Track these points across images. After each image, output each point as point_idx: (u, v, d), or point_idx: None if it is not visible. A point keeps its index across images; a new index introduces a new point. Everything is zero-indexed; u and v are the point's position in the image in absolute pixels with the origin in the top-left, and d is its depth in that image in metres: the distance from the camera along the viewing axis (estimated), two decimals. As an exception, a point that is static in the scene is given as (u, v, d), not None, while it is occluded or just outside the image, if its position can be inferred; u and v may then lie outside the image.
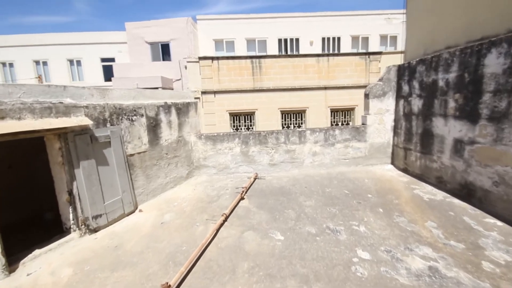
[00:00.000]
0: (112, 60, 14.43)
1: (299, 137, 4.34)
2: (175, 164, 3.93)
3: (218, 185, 4.24)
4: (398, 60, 12.05)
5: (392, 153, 4.77)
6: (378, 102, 4.48)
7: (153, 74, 11.63)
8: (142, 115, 3.34)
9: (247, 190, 3.97)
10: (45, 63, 14.32)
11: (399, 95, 4.51)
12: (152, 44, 13.99)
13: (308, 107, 12.66)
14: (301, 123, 13.05)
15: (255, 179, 4.30)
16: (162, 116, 3.64)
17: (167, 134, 3.74)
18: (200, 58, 12.12)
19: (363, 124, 4.79)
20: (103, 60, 14.49)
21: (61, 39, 13.98)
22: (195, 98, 12.43)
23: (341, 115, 13.11)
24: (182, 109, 4.02)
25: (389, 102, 4.59)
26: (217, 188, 4.10)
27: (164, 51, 14.18)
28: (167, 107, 3.74)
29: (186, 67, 12.35)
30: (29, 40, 13.78)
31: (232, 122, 12.79)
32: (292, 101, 12.58)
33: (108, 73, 14.23)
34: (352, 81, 12.64)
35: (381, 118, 4.57)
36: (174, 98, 4.00)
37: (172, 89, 12.44)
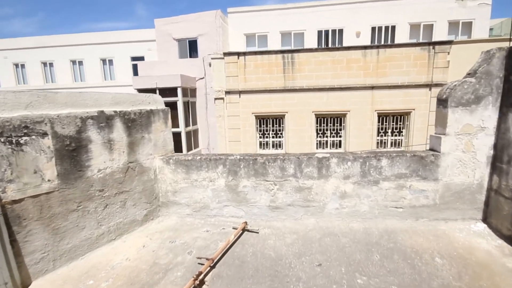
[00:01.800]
0: (142, 58, 14.08)
1: (319, 168, 2.60)
2: (121, 204, 2.52)
3: (184, 240, 2.74)
4: (474, 50, 9.16)
5: (487, 204, 2.74)
6: (465, 114, 2.51)
7: (177, 72, 10.73)
8: (43, 134, 1.96)
9: (216, 263, 2.39)
10: (80, 63, 14.65)
11: (507, 102, 2.51)
12: (179, 40, 13.20)
13: (349, 111, 10.49)
14: (340, 130, 10.91)
15: (242, 231, 2.69)
16: (93, 133, 2.25)
17: (104, 161, 2.33)
18: (225, 54, 10.83)
19: (432, 150, 2.82)
20: (133, 59, 14.23)
21: (94, 38, 14.10)
22: (218, 98, 11.25)
23: (391, 121, 10.63)
24: (138, 121, 2.59)
25: (487, 115, 2.58)
26: (176, 248, 2.60)
27: (191, 48, 13.29)
28: (104, 119, 2.33)
29: (210, 65, 11.20)
30: (65, 40, 14.18)
31: (258, 126, 11.27)
32: (330, 103, 10.54)
33: (137, 72, 13.82)
34: (409, 78, 10.08)
35: (468, 142, 2.59)
36: (122, 104, 2.58)
37: (195, 88, 11.43)
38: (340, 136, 10.98)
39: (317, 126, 10.93)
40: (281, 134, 11.21)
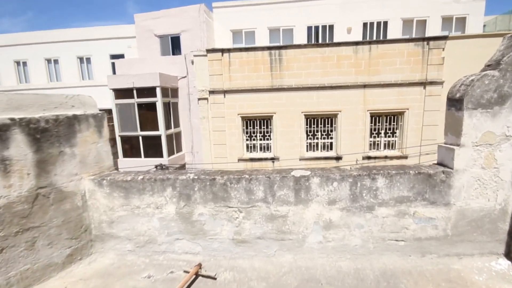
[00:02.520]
0: (122, 56, 13.21)
1: (296, 190, 1.90)
2: (27, 246, 1.79)
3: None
4: (469, 46, 8.67)
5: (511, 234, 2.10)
6: (486, 119, 1.85)
7: (157, 70, 9.94)
8: None
9: None
10: (56, 62, 13.71)
11: (543, 103, 1.89)
12: (161, 37, 12.41)
13: (340, 111, 9.89)
14: (331, 131, 10.31)
15: (194, 277, 2.01)
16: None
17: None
18: (208, 51, 10.11)
19: (442, 165, 2.17)
20: (113, 57, 13.36)
21: (70, 35, 13.17)
22: (202, 98, 10.52)
23: (384, 122, 10.08)
24: (53, 131, 1.87)
25: (514, 120, 1.93)
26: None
27: (174, 45, 12.52)
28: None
29: (192, 62, 10.45)
30: (40, 38, 13.21)
31: (244, 127, 10.59)
32: (320, 103, 9.93)
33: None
34: (403, 76, 9.54)
35: (490, 155, 1.94)
36: (26, 108, 1.86)
37: (176, 88, 10.67)
38: (331, 138, 10.39)
39: (307, 128, 10.30)
40: (269, 136, 10.56)
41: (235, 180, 2.23)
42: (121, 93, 9.67)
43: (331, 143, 10.43)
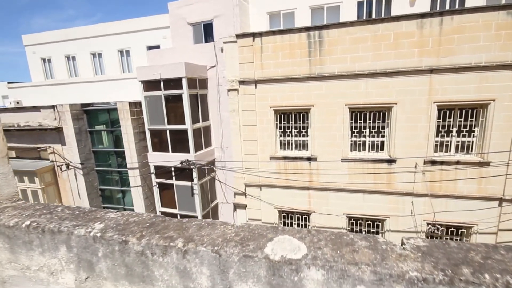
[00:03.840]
0: (158, 47, 13.03)
1: None
2: None
3: None
4: None
5: None
6: None
7: (185, 60, 9.34)
8: None
9: None
10: (100, 55, 14.27)
11: None
12: (194, 25, 11.77)
13: (396, 103, 7.97)
14: (382, 128, 8.45)
15: None
16: None
17: None
18: (238, 36, 9.06)
19: None
20: (149, 48, 13.26)
21: (111, 28, 13.47)
22: (231, 89, 9.58)
23: (458, 117, 7.82)
24: None
25: None
26: None
27: (207, 33, 11.78)
28: None
29: (222, 50, 9.55)
30: (85, 33, 13.83)
31: (278, 122, 9.37)
32: (370, 93, 8.14)
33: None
34: (488, 57, 7.17)
35: None
36: None
37: (205, 79, 9.91)
38: (383, 136, 8.53)
39: (351, 123, 8.62)
40: (306, 132, 9.17)
41: (160, 250, 1.15)
42: (149, 85, 9.31)
43: (382, 143, 8.58)
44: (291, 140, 9.43)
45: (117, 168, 11.19)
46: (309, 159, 9.10)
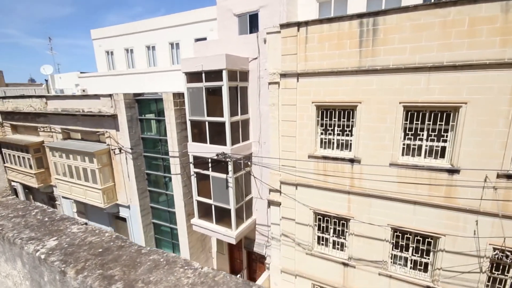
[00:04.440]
0: (205, 39, 13.23)
1: None
2: None
3: None
4: None
5: None
6: None
7: (229, 52, 9.25)
8: None
9: None
10: (153, 48, 15.13)
11: None
12: (240, 16, 11.58)
13: (466, 102, 6.66)
14: (445, 131, 7.18)
15: None
16: None
17: None
18: (282, 26, 8.56)
19: None
20: (197, 40, 13.55)
21: (163, 22, 14.11)
22: (272, 83, 9.17)
23: (553, 123, 6.18)
24: None
25: None
26: None
27: (252, 24, 11.49)
28: None
29: (265, 41, 9.17)
30: (142, 26, 14.77)
31: (319, 119, 8.71)
32: (432, 90, 6.95)
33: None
34: None
35: None
36: None
37: (247, 71, 9.68)
38: (445, 141, 7.26)
39: (405, 124, 7.52)
40: (350, 131, 8.33)
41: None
42: (192, 76, 9.46)
43: (443, 149, 7.32)
44: (333, 139, 8.70)
45: (161, 155, 11.85)
46: (351, 160, 8.29)
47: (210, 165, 9.87)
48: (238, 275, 11.84)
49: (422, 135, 7.44)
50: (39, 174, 15.33)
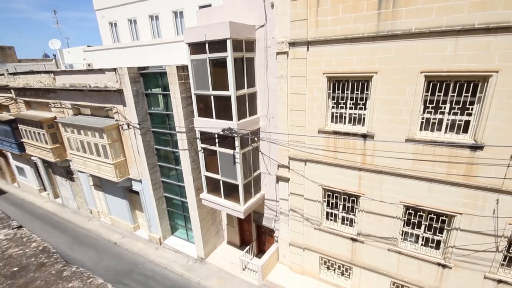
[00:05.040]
0: (209, 6, 12.35)
1: None
2: None
3: None
4: None
5: None
6: None
7: (235, 19, 8.56)
8: None
9: None
10: (157, 18, 14.37)
11: None
12: (246, -22, 10.52)
13: (497, 71, 5.92)
14: (471, 104, 6.51)
15: None
16: None
17: None
18: (291, -13, 7.70)
19: None
20: (201, 7, 12.68)
21: (165, -12, 13.18)
22: (281, 52, 8.52)
23: None
24: None
25: None
26: None
27: (260, -13, 10.45)
28: None
29: (272, 6, 8.36)
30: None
31: (331, 91, 8.13)
32: (459, 57, 6.20)
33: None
34: None
35: None
36: None
37: (253, 40, 9.01)
38: (469, 114, 6.63)
39: (426, 96, 6.87)
40: (364, 104, 7.77)
41: None
42: (195, 47, 8.93)
43: (467, 123, 6.71)
44: (345, 113, 8.18)
45: (169, 130, 11.73)
46: (364, 136, 7.83)
47: (217, 140, 9.68)
48: (248, 247, 12.19)
49: (444, 108, 6.81)
50: (54, 149, 15.77)
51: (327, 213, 9.57)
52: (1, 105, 18.71)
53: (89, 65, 16.10)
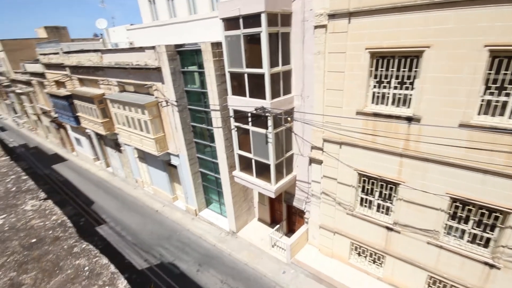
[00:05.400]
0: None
1: None
2: None
3: None
4: None
5: None
6: None
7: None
8: None
9: None
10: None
11: None
12: None
13: None
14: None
15: None
16: None
17: None
18: (334, -50, 6.87)
19: None
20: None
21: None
22: (319, 26, 7.85)
23: None
24: None
25: None
26: None
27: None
28: None
29: (312, -28, 7.62)
30: (180, -32, 13.64)
31: (373, 69, 7.39)
32: (540, 27, 5.08)
33: None
34: None
35: None
36: None
37: (289, 13, 8.41)
38: (546, 97, 5.54)
39: (489, 74, 5.87)
40: (411, 84, 6.94)
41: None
42: (229, 23, 8.67)
43: (541, 107, 5.63)
44: (388, 93, 7.43)
45: (203, 108, 11.97)
46: (409, 119, 7.09)
47: (249, 119, 9.62)
48: (278, 226, 12.41)
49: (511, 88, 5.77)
50: (104, 123, 17.26)
51: (362, 198, 9.17)
52: (59, 82, 20.76)
53: (131, 43, 16.81)
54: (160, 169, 16.15)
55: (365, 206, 9.20)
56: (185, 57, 11.74)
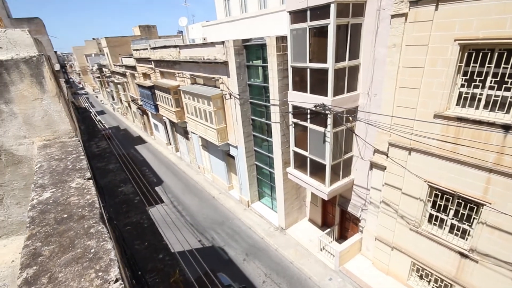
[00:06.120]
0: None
1: None
2: None
3: None
4: None
5: None
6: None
7: (343, -20, 7.57)
8: None
9: None
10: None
11: None
12: None
13: None
14: None
15: None
16: None
17: None
18: None
19: None
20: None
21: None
22: (397, 15, 6.98)
23: None
24: None
25: None
26: None
27: None
28: None
29: (394, -45, 6.79)
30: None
31: (463, 64, 6.23)
32: None
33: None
34: None
35: None
36: None
37: (362, 3, 7.68)
38: None
39: None
40: (515, 84, 5.61)
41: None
42: (296, 16, 8.47)
43: None
44: (480, 94, 6.18)
45: (264, 102, 12.12)
46: (506, 127, 5.78)
47: (308, 116, 9.32)
48: (329, 229, 11.83)
49: None
50: (177, 112, 19.19)
51: (431, 215, 7.96)
52: (145, 74, 23.87)
53: (204, 39, 18.10)
54: (219, 158, 17.15)
55: (435, 224, 7.97)
56: (251, 51, 12.04)
